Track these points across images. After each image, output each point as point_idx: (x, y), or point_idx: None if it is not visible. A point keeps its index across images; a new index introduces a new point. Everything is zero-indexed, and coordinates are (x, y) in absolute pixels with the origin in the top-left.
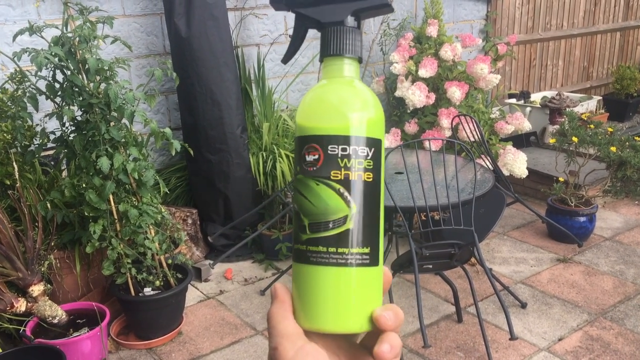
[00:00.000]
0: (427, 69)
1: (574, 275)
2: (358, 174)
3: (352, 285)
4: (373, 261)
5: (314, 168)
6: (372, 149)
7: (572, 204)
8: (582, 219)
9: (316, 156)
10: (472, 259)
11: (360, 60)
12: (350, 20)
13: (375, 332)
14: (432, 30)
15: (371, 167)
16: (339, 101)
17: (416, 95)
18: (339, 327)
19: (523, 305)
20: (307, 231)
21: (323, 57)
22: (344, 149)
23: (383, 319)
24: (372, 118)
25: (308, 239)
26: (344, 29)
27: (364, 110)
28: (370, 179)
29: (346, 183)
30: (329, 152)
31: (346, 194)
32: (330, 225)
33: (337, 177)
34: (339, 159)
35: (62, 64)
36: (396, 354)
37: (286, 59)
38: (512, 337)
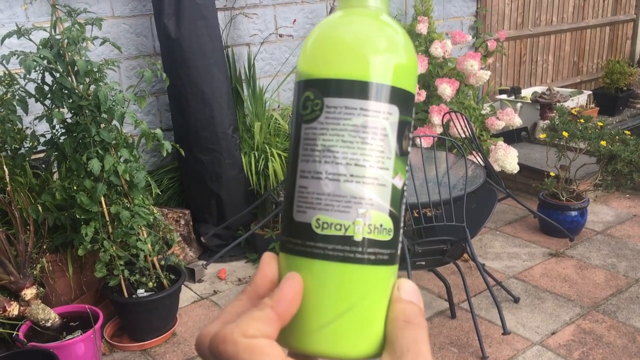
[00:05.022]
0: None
1: (566, 270)
2: None
3: None
4: None
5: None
6: None
7: (564, 199)
8: (574, 213)
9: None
10: (465, 255)
11: None
12: None
13: None
14: (422, 28)
15: None
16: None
17: None
18: None
19: (516, 300)
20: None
21: None
22: None
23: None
24: None
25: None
26: None
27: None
28: None
29: None
30: None
31: None
32: None
33: None
34: None
35: (51, 66)
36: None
37: None
38: (505, 332)
